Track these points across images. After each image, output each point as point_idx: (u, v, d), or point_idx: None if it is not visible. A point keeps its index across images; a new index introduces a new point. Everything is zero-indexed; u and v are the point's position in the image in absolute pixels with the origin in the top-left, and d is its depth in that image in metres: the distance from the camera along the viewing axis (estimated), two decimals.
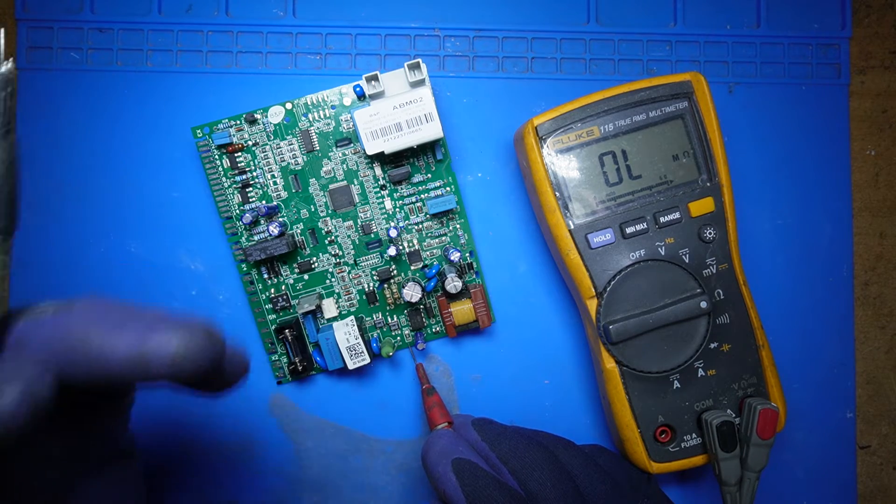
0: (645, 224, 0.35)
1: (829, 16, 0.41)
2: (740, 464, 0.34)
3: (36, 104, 0.39)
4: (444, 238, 0.38)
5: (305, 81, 0.40)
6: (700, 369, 0.35)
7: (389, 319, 0.39)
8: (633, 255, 0.35)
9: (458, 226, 0.38)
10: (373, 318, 0.38)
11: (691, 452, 0.35)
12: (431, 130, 0.35)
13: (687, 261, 0.35)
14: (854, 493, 0.40)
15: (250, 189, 0.38)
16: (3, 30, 0.21)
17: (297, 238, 0.38)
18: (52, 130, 0.39)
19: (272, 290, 0.38)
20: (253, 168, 0.38)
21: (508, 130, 0.40)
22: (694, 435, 0.35)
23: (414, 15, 0.40)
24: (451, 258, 0.37)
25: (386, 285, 0.38)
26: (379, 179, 0.38)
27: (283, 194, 0.38)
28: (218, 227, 0.39)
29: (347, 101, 0.38)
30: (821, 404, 0.40)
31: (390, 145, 0.35)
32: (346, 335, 0.36)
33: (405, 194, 0.38)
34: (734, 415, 0.35)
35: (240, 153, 0.38)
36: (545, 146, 0.35)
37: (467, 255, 0.38)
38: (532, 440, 0.32)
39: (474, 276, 0.39)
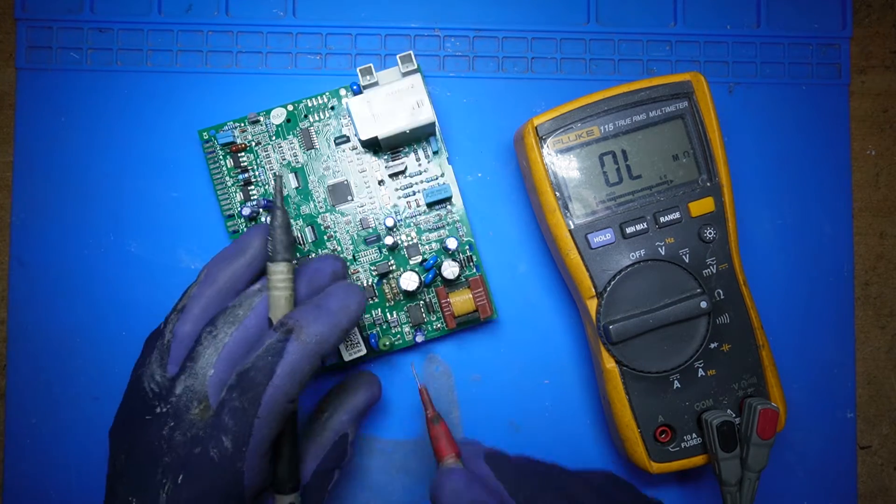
0: (645, 224, 0.35)
1: (829, 16, 0.41)
2: (740, 464, 0.34)
3: (36, 104, 0.39)
4: (442, 232, 0.38)
5: (305, 81, 0.40)
6: (700, 369, 0.35)
7: (389, 316, 0.38)
8: (633, 255, 0.35)
9: (456, 219, 0.38)
10: (372, 315, 0.38)
11: (691, 452, 0.35)
12: (423, 115, 0.35)
13: (687, 261, 0.35)
14: (854, 493, 0.40)
15: (252, 187, 0.38)
16: (280, 176, 0.31)
17: (296, 234, 0.38)
18: (51, 130, 0.39)
19: None
20: (255, 167, 0.38)
21: (508, 130, 0.40)
22: (694, 435, 0.35)
23: (414, 15, 0.40)
24: (449, 246, 0.37)
25: (385, 281, 0.38)
26: (376, 174, 0.38)
27: (284, 191, 0.38)
28: (218, 227, 0.39)
29: (345, 101, 0.38)
30: (821, 404, 0.40)
31: (383, 129, 0.35)
32: None
33: (402, 187, 0.38)
34: (734, 415, 0.35)
35: (242, 153, 0.38)
36: (545, 146, 0.35)
37: (466, 247, 0.38)
38: (550, 485, 0.32)
39: (474, 270, 0.39)
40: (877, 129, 0.42)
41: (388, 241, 0.37)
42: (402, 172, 0.38)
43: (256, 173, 0.38)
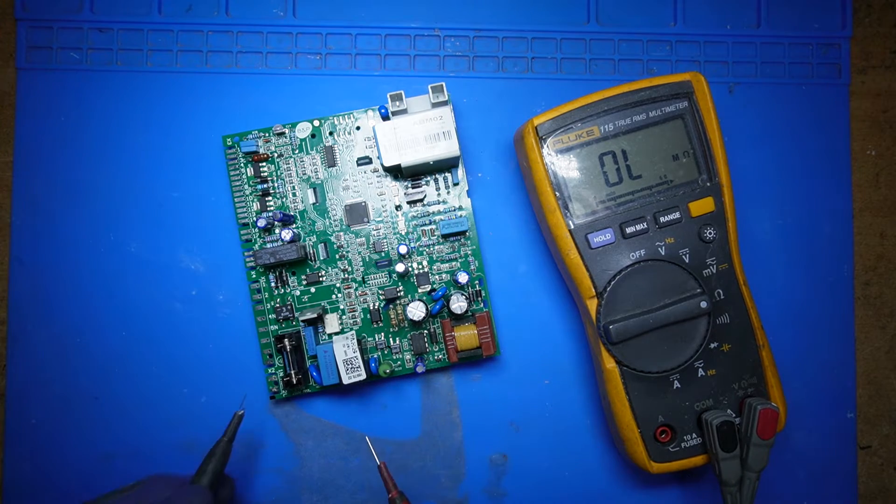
0: (645, 224, 0.35)
1: (829, 15, 0.41)
2: (740, 464, 0.34)
3: (36, 104, 0.39)
4: (454, 264, 0.38)
5: (306, 81, 0.40)
6: (700, 369, 0.35)
7: (391, 342, 0.38)
8: (633, 255, 0.35)
9: (468, 252, 0.38)
10: (374, 339, 0.38)
11: (691, 452, 0.35)
12: (448, 148, 0.35)
13: (687, 261, 0.35)
14: (854, 493, 0.40)
15: (269, 198, 0.38)
16: None
17: (308, 249, 0.38)
18: (51, 130, 0.39)
19: (277, 301, 0.38)
20: (274, 178, 0.38)
21: (508, 130, 0.40)
22: (694, 435, 0.35)
23: (414, 15, 0.40)
24: (460, 280, 0.37)
25: (391, 306, 0.38)
26: (395, 198, 0.38)
27: (301, 205, 0.38)
28: (219, 227, 0.39)
29: (372, 123, 0.38)
30: (821, 404, 0.40)
31: (407, 158, 0.35)
32: (343, 347, 0.35)
33: (419, 215, 0.38)
34: (734, 415, 0.35)
35: (264, 163, 0.38)
36: (545, 146, 0.35)
37: (476, 282, 0.38)
38: None
39: (482, 306, 0.38)
40: (877, 129, 0.42)
41: (400, 268, 0.37)
42: (421, 201, 0.38)
43: (275, 185, 0.38)
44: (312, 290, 0.38)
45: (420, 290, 0.38)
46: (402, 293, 0.38)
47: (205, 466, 0.33)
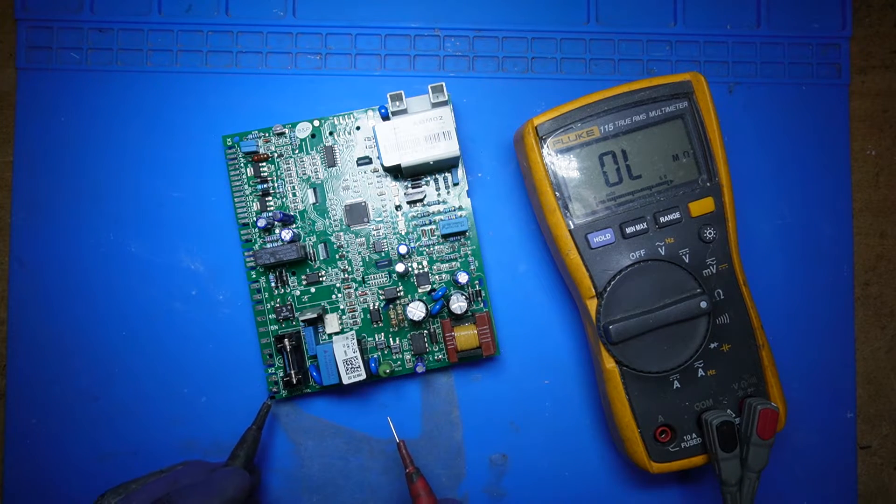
0: (645, 224, 0.35)
1: (829, 15, 0.41)
2: (740, 464, 0.34)
3: (35, 104, 0.39)
4: (454, 264, 0.38)
5: (306, 81, 0.40)
6: (700, 369, 0.35)
7: (391, 342, 0.38)
8: (633, 255, 0.35)
9: (468, 252, 0.38)
10: (374, 339, 0.38)
11: (691, 452, 0.35)
12: (448, 148, 0.35)
13: (687, 261, 0.35)
14: (854, 493, 0.40)
15: (269, 198, 0.38)
16: None
17: (308, 249, 0.38)
18: (51, 130, 0.39)
19: (277, 301, 0.38)
20: (274, 178, 0.38)
21: (508, 130, 0.40)
22: (694, 435, 0.35)
23: (414, 15, 0.40)
24: (459, 280, 0.37)
25: (391, 306, 0.38)
26: (395, 198, 0.38)
27: (301, 205, 0.38)
28: (219, 227, 0.39)
29: (372, 123, 0.38)
30: (821, 404, 0.40)
31: (407, 158, 0.35)
32: (343, 347, 0.35)
33: (419, 215, 0.38)
34: (734, 415, 0.35)
35: (264, 163, 0.38)
36: (545, 146, 0.35)
37: (476, 282, 0.38)
38: None
39: (482, 306, 0.38)
40: (877, 129, 0.42)
41: (399, 268, 0.37)
42: (421, 201, 0.38)
43: (275, 185, 0.38)
44: (312, 290, 0.38)
45: (420, 290, 0.38)
46: (402, 293, 0.38)
47: (237, 451, 0.35)
